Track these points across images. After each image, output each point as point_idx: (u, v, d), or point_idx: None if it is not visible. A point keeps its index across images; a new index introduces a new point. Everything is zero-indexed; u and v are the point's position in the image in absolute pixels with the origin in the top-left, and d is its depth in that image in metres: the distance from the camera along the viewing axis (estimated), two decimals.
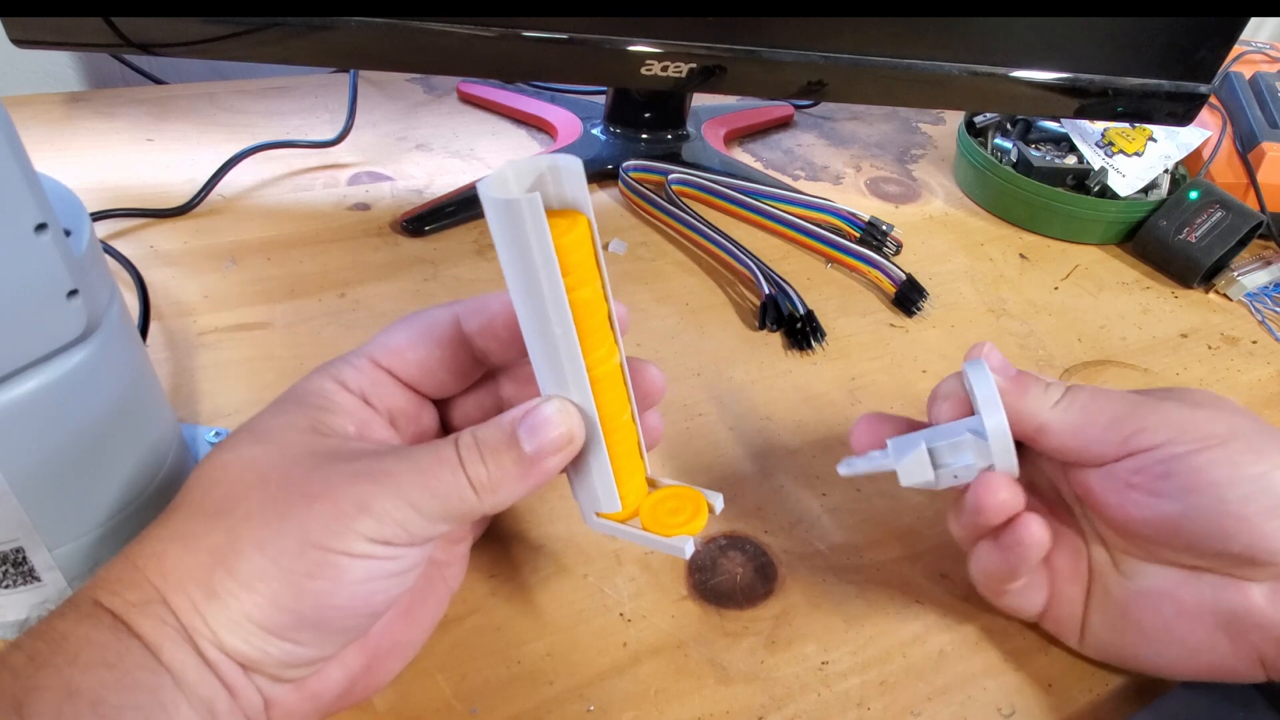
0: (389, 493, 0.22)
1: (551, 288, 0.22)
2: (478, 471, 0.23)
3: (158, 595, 0.22)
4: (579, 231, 0.23)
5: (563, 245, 0.22)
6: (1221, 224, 0.57)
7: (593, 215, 0.23)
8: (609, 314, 0.25)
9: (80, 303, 0.24)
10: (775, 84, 0.51)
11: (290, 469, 0.23)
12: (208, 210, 0.52)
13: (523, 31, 0.45)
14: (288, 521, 0.22)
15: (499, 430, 0.24)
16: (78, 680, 0.20)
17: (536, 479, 0.24)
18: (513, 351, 0.27)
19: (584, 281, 0.23)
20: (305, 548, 0.22)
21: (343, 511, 0.22)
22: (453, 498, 0.23)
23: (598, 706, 0.30)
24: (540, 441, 0.24)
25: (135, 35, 0.40)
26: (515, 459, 0.24)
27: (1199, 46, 0.53)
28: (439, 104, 0.67)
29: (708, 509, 0.27)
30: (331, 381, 0.26)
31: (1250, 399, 0.50)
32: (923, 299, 0.52)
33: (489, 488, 0.23)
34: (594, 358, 0.24)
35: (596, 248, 0.24)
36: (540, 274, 0.22)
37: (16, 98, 0.61)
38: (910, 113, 0.78)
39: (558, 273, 0.22)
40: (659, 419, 0.29)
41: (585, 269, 0.23)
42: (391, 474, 0.23)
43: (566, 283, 0.22)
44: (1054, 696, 0.32)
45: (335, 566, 0.22)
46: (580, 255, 0.23)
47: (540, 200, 0.21)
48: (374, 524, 0.22)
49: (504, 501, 0.24)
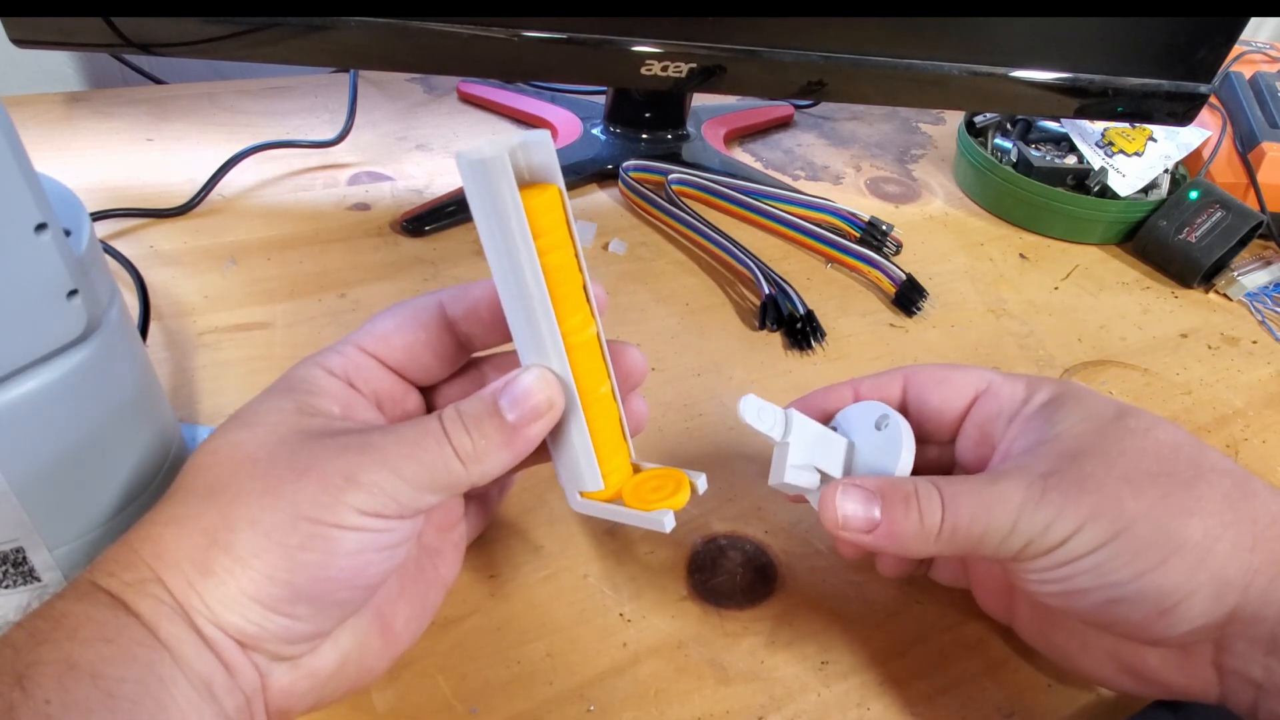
0: (376, 464, 0.23)
1: (525, 246, 0.23)
2: (462, 442, 0.24)
3: (153, 575, 0.22)
4: (549, 196, 0.24)
5: (533, 206, 0.23)
6: (1221, 224, 0.57)
7: (563, 186, 0.24)
8: (584, 285, 0.26)
9: (80, 303, 0.24)
10: (775, 84, 0.51)
11: (277, 447, 0.23)
12: (208, 210, 0.52)
13: (523, 31, 0.45)
14: (278, 497, 0.22)
15: (481, 401, 0.25)
16: (77, 654, 0.20)
17: (520, 447, 0.25)
18: (495, 335, 0.27)
19: (556, 246, 0.24)
20: (297, 521, 0.22)
21: (331, 484, 0.22)
22: (439, 468, 0.24)
23: (598, 706, 0.30)
24: (522, 409, 0.24)
25: (135, 35, 0.40)
26: (498, 427, 0.24)
27: (1199, 46, 0.53)
28: (439, 104, 0.67)
29: (690, 486, 0.27)
30: (317, 368, 0.26)
31: (1250, 399, 0.50)
32: (923, 299, 0.52)
33: (474, 457, 0.24)
34: (569, 324, 0.25)
35: (569, 217, 0.25)
36: (514, 233, 0.23)
37: (16, 98, 0.61)
38: (910, 113, 0.78)
39: (528, 231, 0.23)
40: (643, 404, 0.29)
41: (557, 233, 0.24)
42: (378, 447, 0.23)
43: (539, 245, 0.23)
44: (1054, 696, 0.32)
45: (327, 539, 0.22)
46: (551, 220, 0.24)
47: (508, 159, 0.22)
48: (363, 496, 0.23)
49: (490, 471, 0.25)
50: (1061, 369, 0.50)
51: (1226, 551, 0.25)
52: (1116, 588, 0.26)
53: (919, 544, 0.27)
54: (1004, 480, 0.27)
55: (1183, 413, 0.48)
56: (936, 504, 0.27)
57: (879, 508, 0.27)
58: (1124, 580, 0.26)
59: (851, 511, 0.27)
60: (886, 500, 0.27)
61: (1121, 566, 0.26)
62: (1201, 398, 0.49)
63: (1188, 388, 0.50)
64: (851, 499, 0.28)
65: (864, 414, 0.32)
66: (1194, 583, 0.25)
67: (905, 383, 0.33)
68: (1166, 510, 0.26)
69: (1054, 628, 0.31)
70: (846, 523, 0.28)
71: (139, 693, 0.20)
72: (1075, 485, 0.26)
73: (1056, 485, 0.26)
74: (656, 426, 0.42)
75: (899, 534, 0.27)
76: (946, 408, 0.32)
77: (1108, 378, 0.50)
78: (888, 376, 0.33)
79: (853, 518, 0.27)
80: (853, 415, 0.32)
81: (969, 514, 0.27)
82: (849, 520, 0.27)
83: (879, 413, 0.31)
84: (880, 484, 0.28)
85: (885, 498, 0.27)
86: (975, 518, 0.26)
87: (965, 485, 0.27)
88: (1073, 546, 0.26)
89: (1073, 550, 0.26)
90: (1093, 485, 0.26)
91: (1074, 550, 0.26)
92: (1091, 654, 0.30)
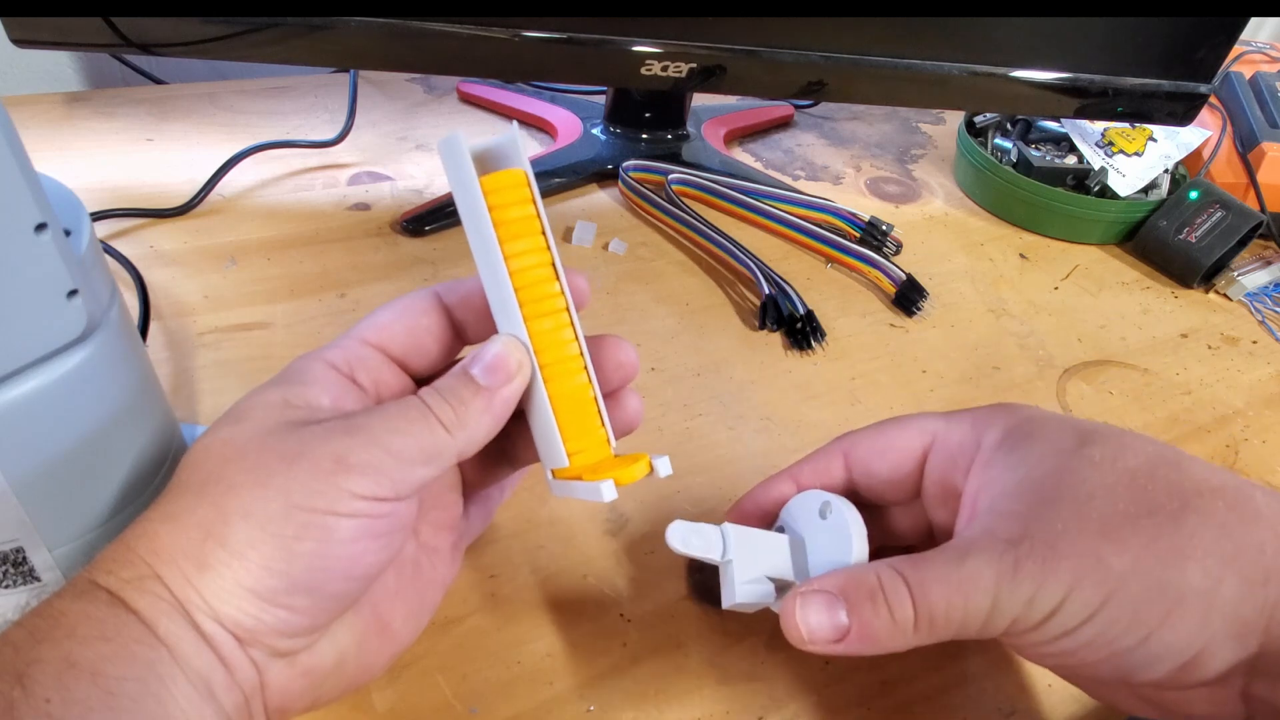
0: (364, 444, 0.23)
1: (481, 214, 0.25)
2: (444, 411, 0.25)
3: (151, 571, 0.22)
4: (513, 173, 0.26)
5: (493, 178, 0.25)
6: (1221, 224, 0.57)
7: (530, 171, 0.26)
8: (552, 264, 0.27)
9: (80, 303, 0.24)
10: (775, 84, 0.51)
11: (266, 439, 0.24)
12: (208, 210, 0.52)
13: (523, 31, 0.45)
14: (269, 487, 0.22)
15: (454, 375, 0.26)
16: (76, 653, 0.20)
17: (498, 409, 0.25)
18: (486, 326, 0.28)
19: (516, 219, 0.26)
20: (290, 510, 0.22)
21: (321, 469, 0.23)
22: (425, 437, 0.24)
23: (598, 706, 0.30)
24: (494, 374, 0.25)
25: (135, 35, 0.40)
26: (474, 392, 0.25)
27: (1199, 46, 0.53)
28: (439, 104, 0.67)
29: (646, 466, 0.27)
30: (315, 360, 0.27)
31: (1250, 399, 0.50)
32: (923, 299, 0.52)
33: (458, 424, 0.25)
34: (529, 294, 0.26)
35: (534, 195, 0.26)
36: (471, 201, 0.25)
37: (16, 98, 0.61)
38: (910, 113, 0.78)
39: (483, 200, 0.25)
40: (638, 400, 0.29)
41: (518, 207, 0.26)
42: (364, 428, 0.24)
43: (497, 215, 0.25)
44: (1054, 696, 0.32)
45: (321, 527, 0.22)
46: (512, 194, 0.26)
47: (463, 137, 0.25)
48: (355, 478, 0.23)
49: (475, 436, 0.25)
50: (1061, 369, 0.50)
51: (1236, 593, 0.23)
52: (1125, 654, 0.24)
53: (896, 641, 0.25)
54: (972, 557, 0.25)
55: (1182, 413, 0.48)
56: (905, 596, 0.24)
57: (844, 610, 0.25)
58: (1130, 645, 0.24)
59: (816, 622, 0.25)
60: (851, 601, 0.25)
61: (1123, 632, 0.24)
62: (1201, 398, 0.49)
63: (1188, 388, 0.50)
64: (814, 607, 0.25)
65: (806, 505, 0.30)
66: (1207, 633, 0.23)
67: (845, 459, 0.31)
68: (1156, 559, 0.24)
69: None
70: (814, 635, 0.25)
71: (139, 691, 0.20)
72: (1048, 549, 0.24)
73: (1029, 554, 0.24)
74: (656, 426, 0.42)
75: (872, 636, 0.25)
76: (897, 474, 0.30)
77: (1107, 378, 0.50)
78: (824, 457, 0.31)
79: (818, 629, 0.25)
80: (795, 509, 0.31)
81: (943, 601, 0.24)
82: (815, 632, 0.25)
83: (820, 500, 0.30)
84: (841, 583, 0.26)
85: (849, 598, 0.25)
86: (950, 604, 0.24)
87: (932, 567, 0.25)
88: (1063, 620, 0.24)
89: (1064, 623, 0.24)
90: (1066, 546, 0.24)
91: (1065, 623, 0.24)
92: (1109, 686, 0.28)
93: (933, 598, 0.24)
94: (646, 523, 0.37)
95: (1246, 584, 0.23)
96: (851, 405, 0.45)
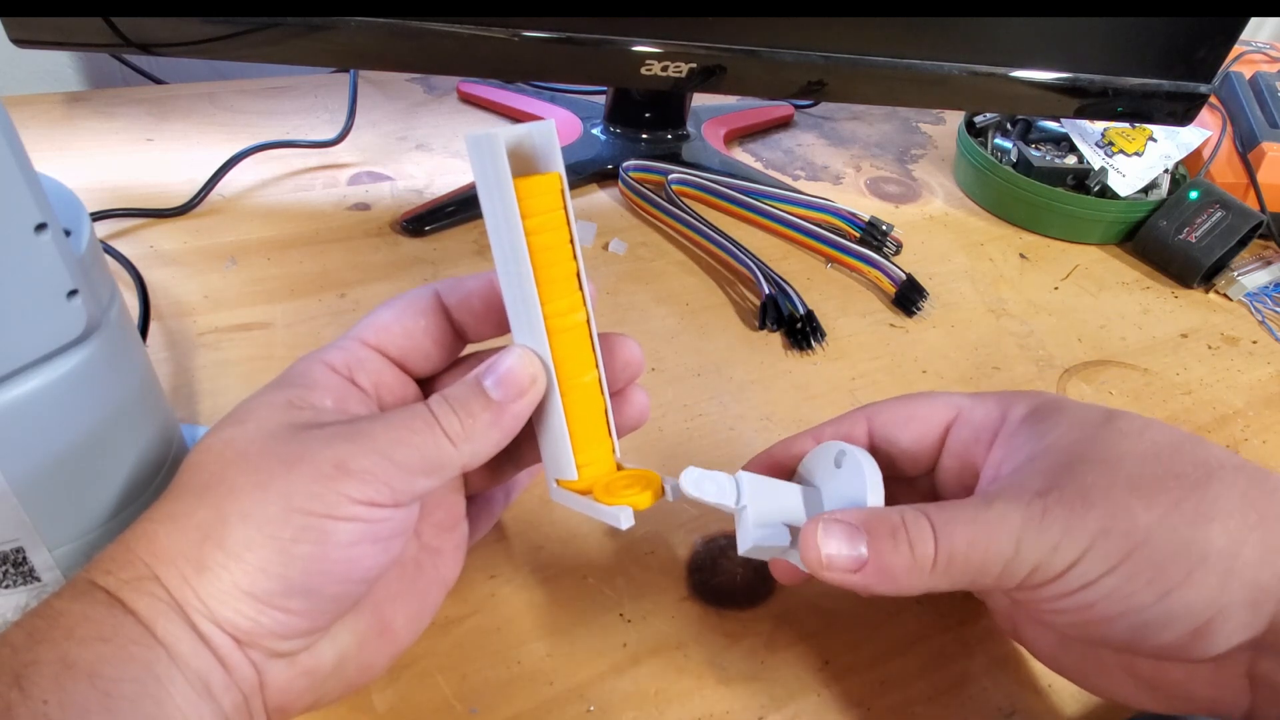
0: (366, 451, 0.23)
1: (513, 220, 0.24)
2: (451, 422, 0.24)
3: (149, 572, 0.22)
4: (548, 180, 0.25)
5: (529, 186, 0.24)
6: (1221, 224, 0.57)
7: (565, 174, 0.25)
8: (577, 273, 0.26)
9: (80, 303, 0.24)
10: (775, 84, 0.51)
11: (268, 441, 0.23)
12: (208, 210, 0.52)
13: (523, 31, 0.45)
14: (269, 490, 0.22)
15: (465, 384, 0.25)
16: (75, 654, 0.20)
17: (508, 424, 0.25)
18: (487, 326, 0.28)
19: (548, 227, 0.25)
20: (289, 513, 0.22)
21: (322, 473, 0.22)
22: (429, 448, 0.24)
23: (598, 706, 0.30)
24: (506, 387, 0.25)
25: (135, 35, 0.40)
26: (484, 405, 0.25)
27: (1199, 46, 0.53)
28: (439, 104, 0.67)
29: (660, 489, 0.27)
30: (317, 363, 0.26)
31: (1250, 399, 0.50)
32: (923, 299, 0.52)
33: (464, 436, 0.24)
34: (553, 307, 0.25)
35: (567, 204, 0.25)
36: (501, 206, 0.24)
37: (16, 98, 0.61)
38: (910, 113, 0.78)
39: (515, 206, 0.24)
40: (644, 395, 0.29)
41: (551, 216, 0.25)
42: (367, 434, 0.23)
43: (529, 224, 0.24)
44: (1054, 696, 0.32)
45: (320, 530, 0.22)
46: (546, 202, 0.25)
47: (503, 138, 0.23)
48: (355, 484, 0.23)
49: (480, 450, 0.25)
50: (1061, 369, 0.50)
51: (1256, 556, 0.23)
52: (1141, 611, 0.24)
53: (912, 579, 0.25)
54: (999, 501, 0.25)
55: (1182, 413, 0.48)
56: (928, 533, 0.25)
57: (865, 543, 0.25)
58: (1148, 602, 0.24)
59: (835, 550, 0.25)
60: (872, 534, 0.25)
61: (1142, 587, 0.24)
62: (1201, 398, 0.49)
63: (1188, 388, 0.50)
64: (834, 536, 0.25)
65: (822, 456, 0.30)
66: (1226, 596, 0.23)
67: (869, 424, 0.31)
68: (1182, 518, 0.24)
69: (1065, 649, 0.30)
70: (831, 562, 0.25)
71: (137, 692, 0.20)
72: (1078, 499, 0.24)
73: (1058, 501, 0.24)
74: (656, 426, 0.42)
75: (889, 569, 0.25)
76: (918, 445, 0.30)
77: (1108, 378, 0.50)
78: (849, 420, 0.31)
79: (837, 556, 0.25)
80: (811, 462, 0.31)
81: (965, 540, 0.24)
82: (833, 560, 0.25)
83: (835, 450, 0.29)
84: (864, 516, 0.26)
85: (871, 531, 0.25)
86: (973, 544, 0.24)
87: (957, 510, 0.25)
88: (1085, 569, 0.24)
89: (1085, 574, 0.24)
90: (1097, 496, 0.24)
91: (1087, 574, 0.24)
92: (1108, 672, 0.28)
93: (955, 536, 0.24)
94: (647, 523, 0.37)
95: (1266, 550, 0.24)
96: (852, 405, 0.45)
